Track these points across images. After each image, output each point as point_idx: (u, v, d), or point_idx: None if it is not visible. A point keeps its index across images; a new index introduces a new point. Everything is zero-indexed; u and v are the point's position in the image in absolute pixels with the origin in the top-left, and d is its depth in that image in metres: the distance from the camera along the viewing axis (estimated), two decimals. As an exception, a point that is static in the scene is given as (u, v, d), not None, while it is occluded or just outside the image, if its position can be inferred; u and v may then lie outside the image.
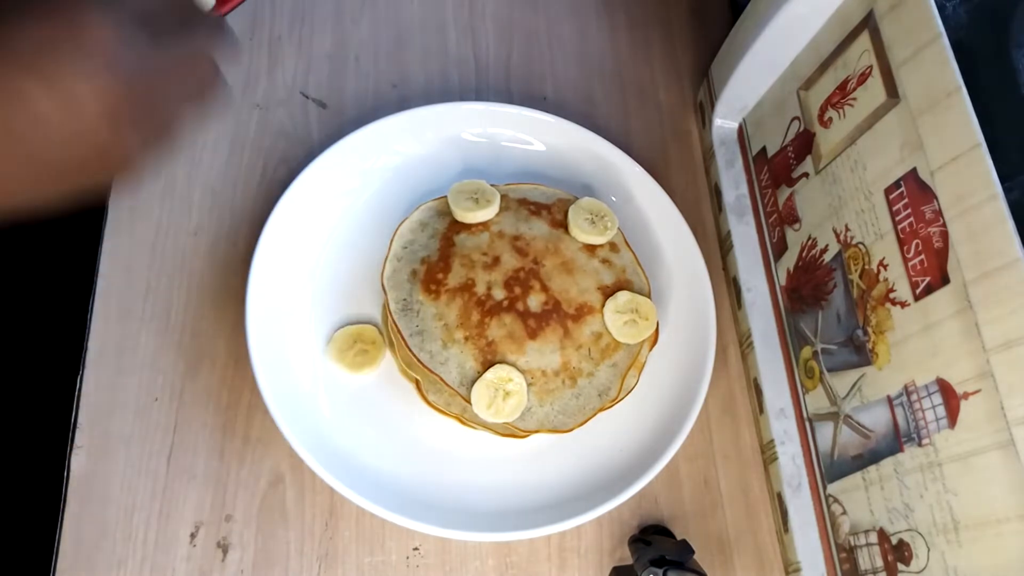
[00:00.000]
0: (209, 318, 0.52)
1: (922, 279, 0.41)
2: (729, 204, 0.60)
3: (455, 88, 0.63)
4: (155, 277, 0.52)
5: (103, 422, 0.48)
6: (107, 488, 0.47)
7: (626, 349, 0.48)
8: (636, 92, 0.66)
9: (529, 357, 0.46)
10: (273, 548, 0.47)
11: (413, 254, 0.49)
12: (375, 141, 0.55)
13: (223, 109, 0.57)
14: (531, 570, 0.49)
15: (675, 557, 0.45)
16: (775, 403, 0.53)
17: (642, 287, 0.50)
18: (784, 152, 0.55)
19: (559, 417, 0.46)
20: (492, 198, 0.50)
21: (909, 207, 0.42)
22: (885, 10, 0.44)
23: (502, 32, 0.66)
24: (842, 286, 0.48)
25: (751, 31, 0.54)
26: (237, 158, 0.57)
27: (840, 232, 0.49)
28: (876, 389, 0.45)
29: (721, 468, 0.54)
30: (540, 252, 0.49)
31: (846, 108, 0.48)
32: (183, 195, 0.55)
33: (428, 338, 0.46)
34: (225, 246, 0.54)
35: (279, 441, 0.48)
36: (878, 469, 0.44)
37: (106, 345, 0.50)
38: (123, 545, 0.46)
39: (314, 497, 0.49)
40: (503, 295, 0.47)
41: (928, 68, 0.41)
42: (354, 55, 0.62)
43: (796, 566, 0.49)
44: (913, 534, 0.42)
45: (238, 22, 0.61)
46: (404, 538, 0.49)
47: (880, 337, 0.44)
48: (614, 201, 0.58)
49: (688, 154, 0.65)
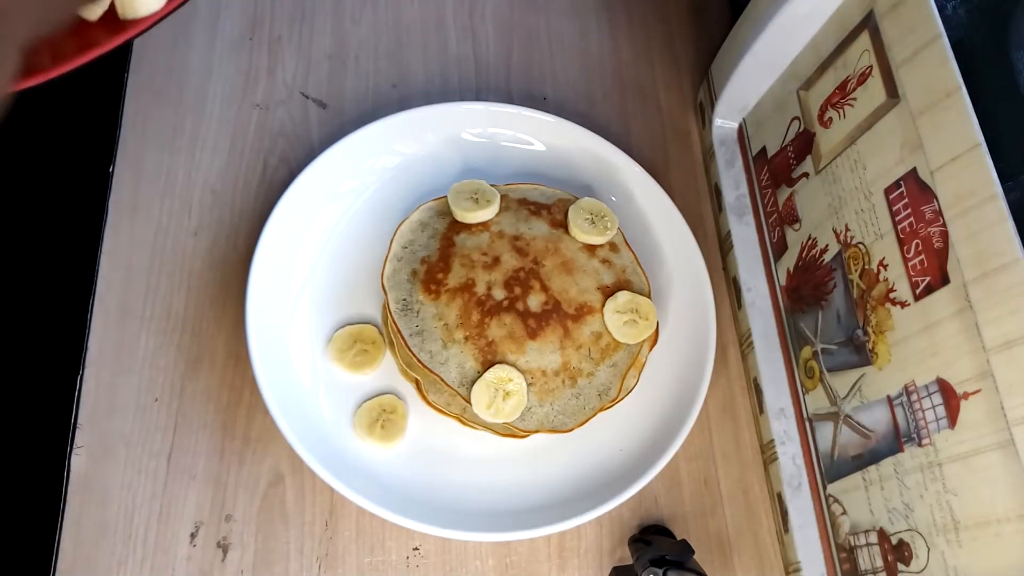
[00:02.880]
0: (209, 318, 0.52)
1: (922, 279, 0.41)
2: (729, 204, 0.60)
3: (455, 88, 0.63)
4: (155, 277, 0.52)
5: (103, 422, 0.48)
6: (107, 488, 0.47)
7: (626, 349, 0.48)
8: (636, 92, 0.66)
9: (529, 357, 0.46)
10: (273, 548, 0.47)
11: (413, 254, 0.49)
12: (375, 141, 0.55)
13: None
14: (531, 570, 0.49)
15: (675, 557, 0.45)
16: (775, 403, 0.53)
17: (642, 287, 0.50)
18: (784, 152, 0.55)
19: (559, 417, 0.46)
20: (492, 198, 0.50)
21: (909, 207, 0.42)
22: (885, 10, 0.44)
23: (502, 32, 0.66)
24: (842, 286, 0.48)
25: (751, 31, 0.54)
26: (237, 158, 0.57)
27: (840, 232, 0.49)
28: (876, 389, 0.45)
29: (721, 468, 0.54)
30: (540, 252, 0.49)
31: (846, 108, 0.48)
32: (183, 195, 0.55)
33: (428, 338, 0.46)
34: (225, 246, 0.54)
35: (279, 441, 0.48)
36: (878, 469, 0.44)
37: (106, 345, 0.50)
38: (123, 545, 0.46)
39: (314, 497, 0.49)
40: (503, 295, 0.47)
41: (928, 68, 0.41)
42: (354, 55, 0.62)
43: (796, 566, 0.49)
44: (913, 534, 0.42)
45: (238, 22, 0.61)
46: (404, 538, 0.49)
47: (880, 337, 0.44)
48: (614, 201, 0.58)
49: (688, 154, 0.65)
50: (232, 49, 0.60)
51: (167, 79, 0.58)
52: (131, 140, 0.56)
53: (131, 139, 0.56)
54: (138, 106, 0.57)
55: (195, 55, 0.60)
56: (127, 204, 0.54)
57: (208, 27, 0.61)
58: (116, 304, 0.51)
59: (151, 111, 0.57)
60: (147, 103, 0.57)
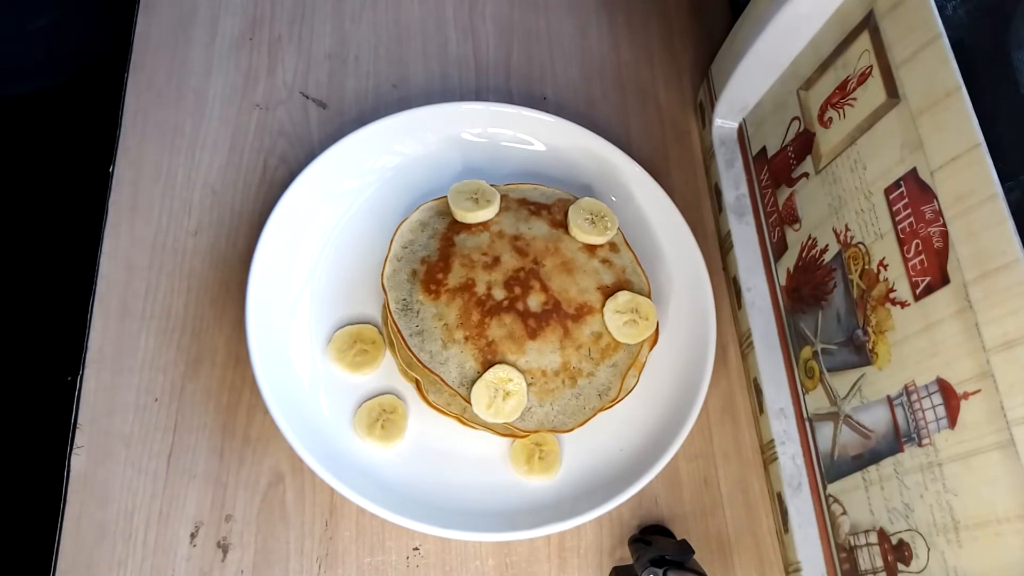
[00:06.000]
0: (209, 318, 0.52)
1: (922, 279, 0.41)
2: (729, 204, 0.60)
3: (455, 88, 0.63)
4: (155, 277, 0.52)
5: (103, 422, 0.48)
6: (107, 488, 0.47)
7: (626, 349, 0.48)
8: (636, 92, 0.66)
9: (529, 357, 0.46)
10: (273, 548, 0.47)
11: (413, 254, 0.49)
12: (375, 141, 0.55)
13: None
14: (531, 570, 0.49)
15: (675, 557, 0.45)
16: (775, 403, 0.53)
17: (642, 287, 0.50)
18: (784, 152, 0.55)
19: (559, 417, 0.46)
20: (492, 198, 0.50)
21: (909, 207, 0.42)
22: (885, 10, 0.44)
23: (502, 32, 0.66)
24: (842, 286, 0.48)
25: (751, 31, 0.54)
26: (237, 158, 0.57)
27: (840, 232, 0.49)
28: (876, 389, 0.45)
29: (721, 468, 0.54)
30: (540, 252, 0.49)
31: (846, 108, 0.48)
32: (183, 195, 0.55)
33: (428, 338, 0.46)
34: (225, 246, 0.54)
35: (279, 441, 0.48)
36: (878, 469, 0.44)
37: (106, 345, 0.50)
38: (123, 545, 0.46)
39: (314, 497, 0.49)
40: (503, 295, 0.47)
41: (928, 68, 0.41)
42: (354, 55, 0.62)
43: (796, 566, 0.49)
44: (913, 534, 0.42)
45: (238, 22, 0.61)
46: (404, 538, 0.49)
47: (880, 337, 0.44)
48: (614, 201, 0.58)
49: (688, 154, 0.65)
50: (232, 49, 0.60)
51: (167, 79, 0.58)
52: (131, 140, 0.56)
53: (131, 139, 0.56)
54: (138, 106, 0.57)
55: (195, 55, 0.60)
56: (127, 204, 0.54)
57: (208, 27, 0.61)
58: (116, 304, 0.51)
59: (151, 111, 0.57)
60: (147, 103, 0.57)
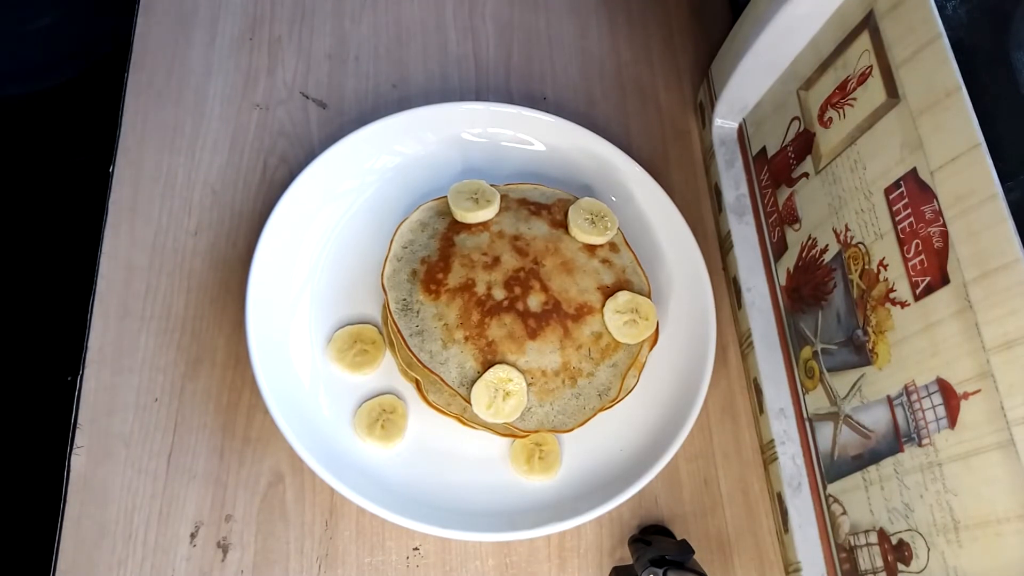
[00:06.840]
0: (209, 318, 0.52)
1: (922, 279, 0.41)
2: (729, 204, 0.60)
3: (455, 88, 0.63)
4: (155, 277, 0.52)
5: (103, 422, 0.48)
6: (107, 488, 0.47)
7: (626, 349, 0.48)
8: (636, 92, 0.66)
9: (529, 357, 0.46)
10: (273, 548, 0.47)
11: (413, 254, 0.49)
12: (375, 141, 0.55)
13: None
14: (531, 570, 0.49)
15: (675, 557, 0.45)
16: (775, 403, 0.53)
17: (642, 287, 0.50)
18: (784, 152, 0.55)
19: (559, 417, 0.46)
20: (492, 198, 0.50)
21: (909, 207, 0.42)
22: (885, 10, 0.44)
23: (502, 32, 0.66)
24: (842, 286, 0.48)
25: (751, 31, 0.54)
26: (237, 158, 0.57)
27: (840, 232, 0.49)
28: (876, 389, 0.45)
29: (721, 468, 0.54)
30: (540, 252, 0.49)
31: (846, 108, 0.48)
32: (183, 195, 0.55)
33: (428, 338, 0.46)
34: (225, 246, 0.54)
35: (279, 441, 0.48)
36: (878, 469, 0.44)
37: (106, 345, 0.50)
38: (123, 545, 0.46)
39: (314, 497, 0.49)
40: (503, 295, 0.47)
41: (928, 68, 0.41)
42: (354, 55, 0.62)
43: (796, 566, 0.49)
44: (913, 534, 0.42)
45: (238, 22, 0.61)
46: (404, 538, 0.49)
47: (880, 337, 0.44)
48: (614, 201, 0.58)
49: (688, 154, 0.65)
50: (232, 49, 0.60)
51: (167, 79, 0.58)
52: (131, 140, 0.56)
53: (131, 139, 0.56)
54: (138, 106, 0.57)
55: (195, 55, 0.60)
56: (127, 204, 0.54)
57: (208, 27, 0.61)
58: (116, 304, 0.51)
59: (151, 111, 0.57)
60: (147, 103, 0.57)
